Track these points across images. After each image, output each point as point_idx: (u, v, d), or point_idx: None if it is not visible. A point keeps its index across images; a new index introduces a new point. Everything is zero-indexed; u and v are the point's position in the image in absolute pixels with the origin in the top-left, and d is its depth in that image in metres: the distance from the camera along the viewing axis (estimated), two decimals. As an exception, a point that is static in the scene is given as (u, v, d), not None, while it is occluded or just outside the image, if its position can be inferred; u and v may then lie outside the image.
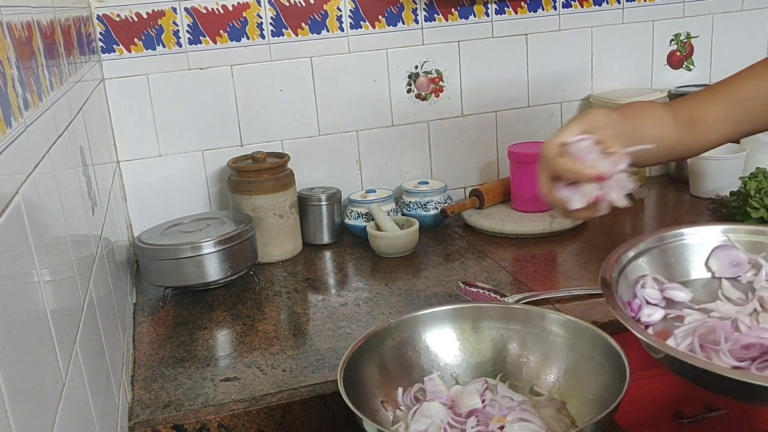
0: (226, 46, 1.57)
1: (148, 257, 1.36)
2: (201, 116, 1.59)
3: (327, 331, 1.23)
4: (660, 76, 1.89)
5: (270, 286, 1.44)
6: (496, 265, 1.43)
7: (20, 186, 0.58)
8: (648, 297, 0.94)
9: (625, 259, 0.97)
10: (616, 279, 0.93)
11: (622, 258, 0.96)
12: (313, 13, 1.61)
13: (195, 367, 1.14)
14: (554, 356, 0.95)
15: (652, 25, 1.85)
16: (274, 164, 1.53)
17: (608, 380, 0.86)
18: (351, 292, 1.39)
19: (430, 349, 0.98)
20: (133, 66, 1.53)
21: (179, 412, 1.02)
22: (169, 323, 1.30)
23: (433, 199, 1.64)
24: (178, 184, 1.61)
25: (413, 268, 1.47)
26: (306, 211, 1.60)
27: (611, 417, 0.79)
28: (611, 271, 0.92)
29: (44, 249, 0.63)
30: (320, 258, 1.57)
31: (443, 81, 1.73)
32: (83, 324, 0.75)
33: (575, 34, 1.79)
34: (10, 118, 0.58)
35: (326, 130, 1.68)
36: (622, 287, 0.93)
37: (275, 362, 1.13)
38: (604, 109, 0.93)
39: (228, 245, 1.36)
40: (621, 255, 0.97)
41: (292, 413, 1.03)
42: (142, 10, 1.51)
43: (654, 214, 1.71)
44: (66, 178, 0.81)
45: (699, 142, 1.01)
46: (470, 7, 1.70)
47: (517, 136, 1.78)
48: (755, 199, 1.48)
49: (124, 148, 1.56)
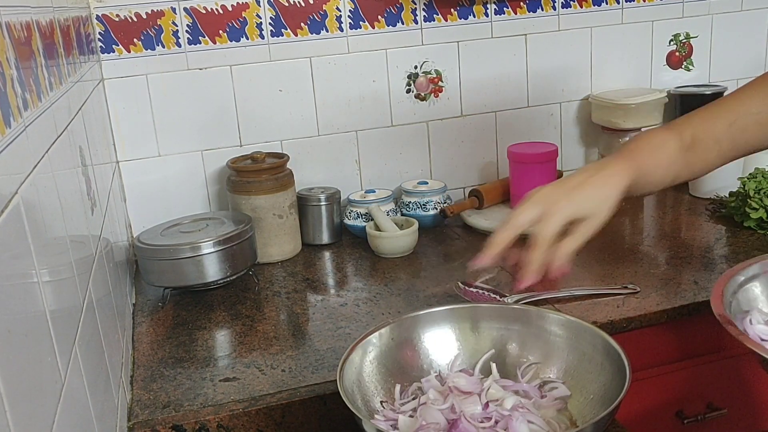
0: (226, 47, 1.57)
1: (147, 257, 1.36)
2: (200, 116, 1.59)
3: (326, 331, 1.23)
4: (659, 76, 1.89)
5: (269, 286, 1.44)
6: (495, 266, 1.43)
7: (19, 186, 0.57)
8: (761, 334, 0.90)
9: (732, 288, 0.93)
10: (729, 300, 0.89)
11: (728, 288, 0.92)
12: (312, 14, 1.61)
13: (194, 367, 1.14)
14: (554, 356, 0.95)
15: (652, 26, 1.85)
16: (273, 164, 1.53)
17: (609, 380, 0.86)
18: (350, 293, 1.39)
19: (429, 349, 0.98)
20: (133, 66, 1.53)
21: (178, 413, 1.02)
22: (169, 323, 1.30)
23: (432, 200, 1.64)
24: (177, 184, 1.61)
25: (412, 268, 1.47)
26: (305, 211, 1.60)
27: (612, 416, 0.79)
28: (721, 293, 0.88)
29: (43, 249, 0.63)
30: (320, 258, 1.57)
31: (442, 81, 1.73)
32: (82, 324, 0.75)
33: (574, 34, 1.79)
34: (9, 118, 0.58)
35: (325, 130, 1.68)
36: (735, 309, 0.90)
37: (274, 362, 1.13)
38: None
39: (227, 245, 1.36)
40: (727, 283, 0.93)
41: (291, 413, 1.02)
42: (142, 10, 1.51)
43: (653, 214, 1.71)
44: (65, 178, 0.81)
45: (703, 163, 1.02)
46: (469, 7, 1.70)
47: (517, 136, 1.78)
48: (754, 199, 1.48)
49: (124, 148, 1.56)
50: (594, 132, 1.87)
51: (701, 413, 1.29)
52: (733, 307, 0.92)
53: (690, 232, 1.56)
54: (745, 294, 0.95)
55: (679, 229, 1.58)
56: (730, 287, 0.93)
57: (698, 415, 1.29)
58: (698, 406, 1.30)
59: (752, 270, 0.97)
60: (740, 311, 0.93)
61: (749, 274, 0.96)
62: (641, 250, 1.48)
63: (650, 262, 1.40)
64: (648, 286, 1.28)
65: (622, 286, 1.28)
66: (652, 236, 1.57)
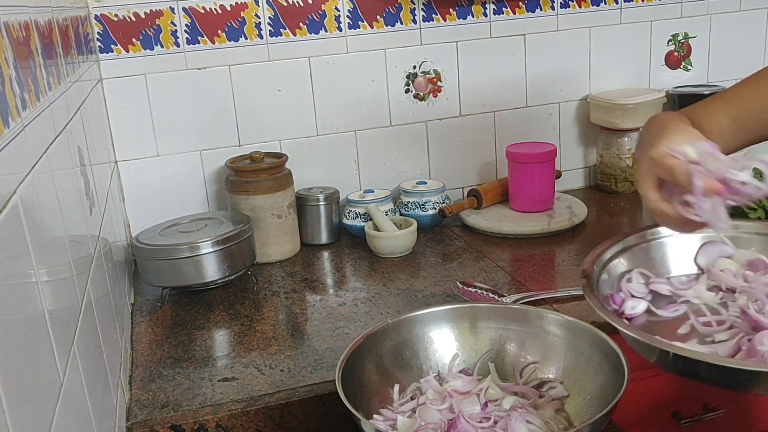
0: (224, 46, 1.57)
1: (146, 257, 1.36)
2: (199, 116, 1.59)
3: (325, 331, 1.23)
4: (658, 76, 1.89)
5: (268, 286, 1.44)
6: (494, 265, 1.43)
7: (18, 186, 0.57)
8: (633, 291, 0.95)
9: (608, 255, 0.98)
10: (598, 274, 0.94)
11: (604, 254, 0.97)
12: (311, 13, 1.61)
13: (193, 367, 1.14)
14: (552, 356, 0.95)
15: (650, 26, 1.85)
16: (272, 164, 1.53)
17: (606, 380, 0.86)
18: (349, 293, 1.39)
19: (428, 349, 0.98)
20: (131, 66, 1.53)
21: (177, 413, 1.02)
22: (167, 323, 1.30)
23: (431, 199, 1.64)
24: (176, 184, 1.61)
25: (411, 268, 1.47)
26: (304, 211, 1.60)
27: (609, 417, 0.79)
28: (593, 264, 0.93)
29: (42, 249, 0.63)
30: (318, 258, 1.57)
31: (441, 81, 1.73)
32: (81, 324, 0.75)
33: (573, 34, 1.79)
34: (8, 118, 0.58)
35: (324, 130, 1.68)
36: (605, 282, 0.94)
37: (273, 362, 1.13)
38: (679, 122, 0.89)
39: (226, 245, 1.36)
40: (604, 251, 0.98)
41: (290, 413, 1.03)
42: (140, 10, 1.51)
43: (652, 214, 1.71)
44: (64, 178, 0.81)
45: None
46: (468, 7, 1.70)
47: (516, 136, 1.78)
48: (753, 199, 1.48)
49: (122, 148, 1.56)
50: (593, 132, 1.87)
51: (698, 414, 1.29)
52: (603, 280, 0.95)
53: (688, 232, 1.56)
54: (617, 265, 0.98)
55: (677, 229, 1.58)
56: (597, 264, 0.96)
57: (695, 415, 1.29)
58: (695, 406, 1.31)
59: (626, 242, 1.00)
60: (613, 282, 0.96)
61: (614, 250, 0.99)
62: (640, 250, 1.48)
63: (648, 262, 1.40)
64: (646, 286, 1.28)
65: (621, 286, 1.28)
66: (651, 236, 1.57)
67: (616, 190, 1.81)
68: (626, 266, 0.99)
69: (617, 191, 1.81)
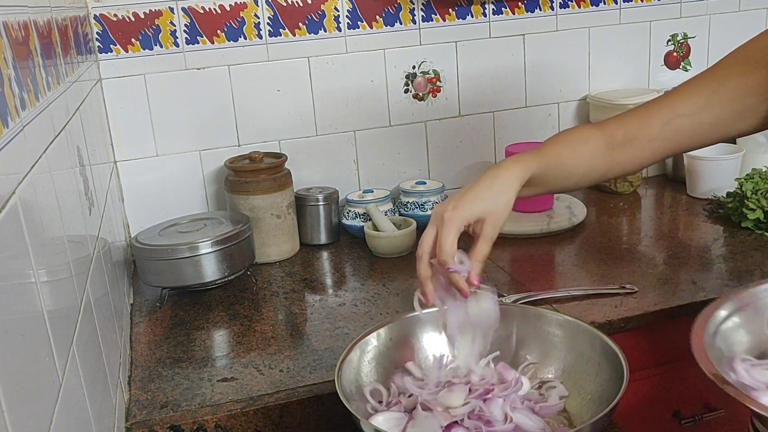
0: (224, 46, 1.57)
1: (145, 257, 1.35)
2: (198, 116, 1.59)
3: (324, 331, 1.23)
4: (657, 76, 1.89)
5: (267, 286, 1.43)
6: (493, 266, 1.43)
7: (17, 186, 0.57)
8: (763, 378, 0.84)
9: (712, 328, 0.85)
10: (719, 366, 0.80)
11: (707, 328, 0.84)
12: (310, 13, 1.61)
13: (192, 367, 1.14)
14: (552, 356, 0.95)
15: (649, 26, 1.85)
16: (271, 164, 1.53)
17: (606, 380, 0.86)
18: (348, 293, 1.39)
19: (427, 349, 0.98)
20: (130, 66, 1.53)
21: (176, 413, 1.02)
22: (166, 324, 1.30)
23: (430, 199, 1.64)
24: (175, 184, 1.61)
25: (411, 268, 1.46)
26: (303, 211, 1.60)
27: (609, 417, 0.79)
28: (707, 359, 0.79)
29: (41, 249, 0.63)
30: (317, 258, 1.57)
31: (441, 81, 1.73)
32: (80, 325, 0.75)
33: (572, 34, 1.79)
34: (7, 118, 0.58)
35: (324, 130, 1.68)
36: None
37: (272, 362, 1.13)
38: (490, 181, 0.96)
39: (225, 245, 1.36)
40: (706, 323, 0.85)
41: (289, 413, 1.02)
42: (139, 10, 1.51)
43: (651, 214, 1.71)
44: (63, 178, 0.81)
45: (635, 161, 1.02)
46: (467, 7, 1.70)
47: (515, 137, 1.78)
48: (751, 200, 1.48)
49: (121, 148, 1.56)
50: (592, 132, 1.87)
51: (698, 414, 1.29)
52: (715, 353, 0.83)
53: (688, 232, 1.56)
54: (725, 337, 0.86)
55: (676, 230, 1.58)
56: (710, 329, 0.85)
57: (695, 415, 1.29)
58: (695, 406, 1.30)
59: (726, 308, 0.89)
60: (723, 356, 0.85)
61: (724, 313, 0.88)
62: (639, 251, 1.48)
63: (648, 263, 1.40)
64: (646, 286, 1.28)
65: (620, 286, 1.28)
66: (650, 236, 1.57)
67: (616, 191, 1.81)
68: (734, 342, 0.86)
69: (616, 191, 1.81)
